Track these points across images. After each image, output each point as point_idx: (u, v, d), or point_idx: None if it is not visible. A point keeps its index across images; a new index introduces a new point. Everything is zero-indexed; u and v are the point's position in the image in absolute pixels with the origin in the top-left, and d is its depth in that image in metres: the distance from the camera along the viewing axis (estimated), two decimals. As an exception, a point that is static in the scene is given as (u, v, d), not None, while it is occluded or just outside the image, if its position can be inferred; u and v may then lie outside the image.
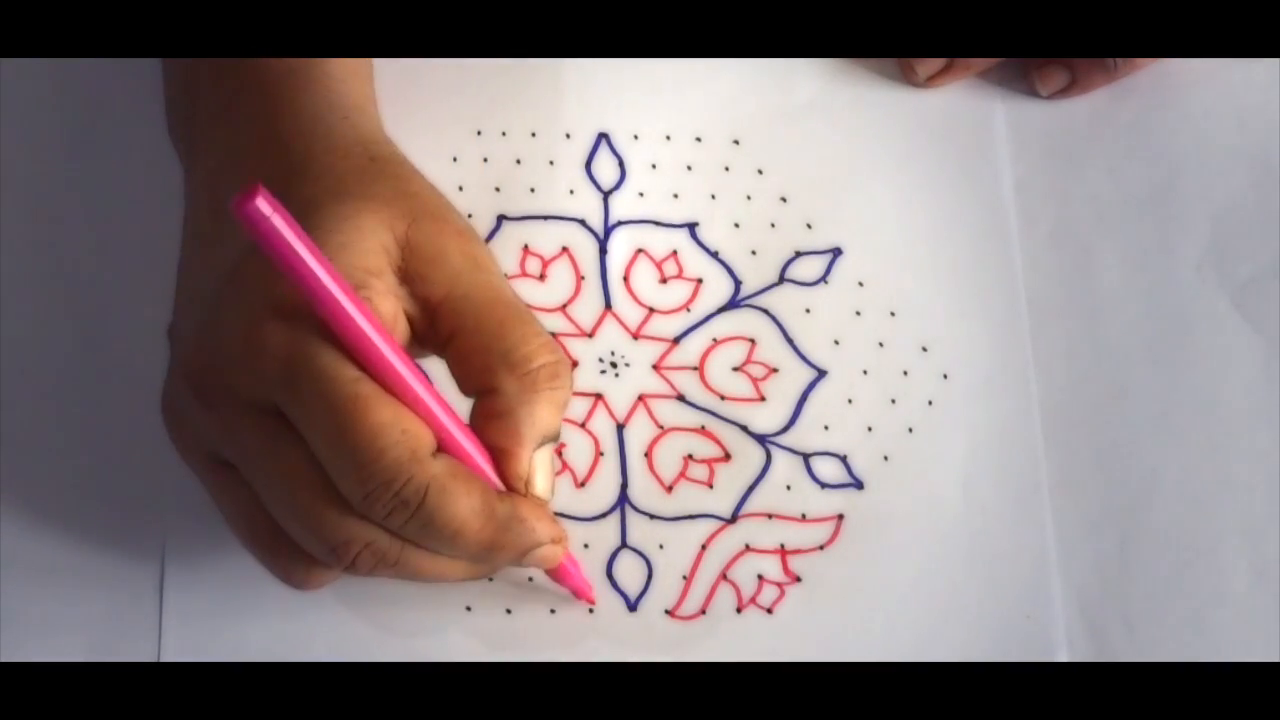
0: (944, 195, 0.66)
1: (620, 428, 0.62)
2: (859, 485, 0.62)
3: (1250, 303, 0.65)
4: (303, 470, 0.51)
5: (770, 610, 0.60)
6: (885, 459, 0.62)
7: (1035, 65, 0.68)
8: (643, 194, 0.65)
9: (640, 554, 0.60)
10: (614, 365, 0.63)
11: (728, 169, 0.66)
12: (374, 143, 0.56)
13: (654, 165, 0.66)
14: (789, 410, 0.63)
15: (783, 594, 0.60)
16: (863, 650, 0.59)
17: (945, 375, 0.63)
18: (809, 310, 0.64)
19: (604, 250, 0.64)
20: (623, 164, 0.66)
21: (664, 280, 0.64)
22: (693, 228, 0.65)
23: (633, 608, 0.60)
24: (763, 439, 0.62)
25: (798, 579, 0.60)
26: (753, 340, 0.64)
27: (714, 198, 0.66)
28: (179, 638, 0.58)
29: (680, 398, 0.63)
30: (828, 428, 0.62)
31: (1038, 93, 0.68)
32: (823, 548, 0.61)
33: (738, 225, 0.65)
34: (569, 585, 0.58)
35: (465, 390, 0.53)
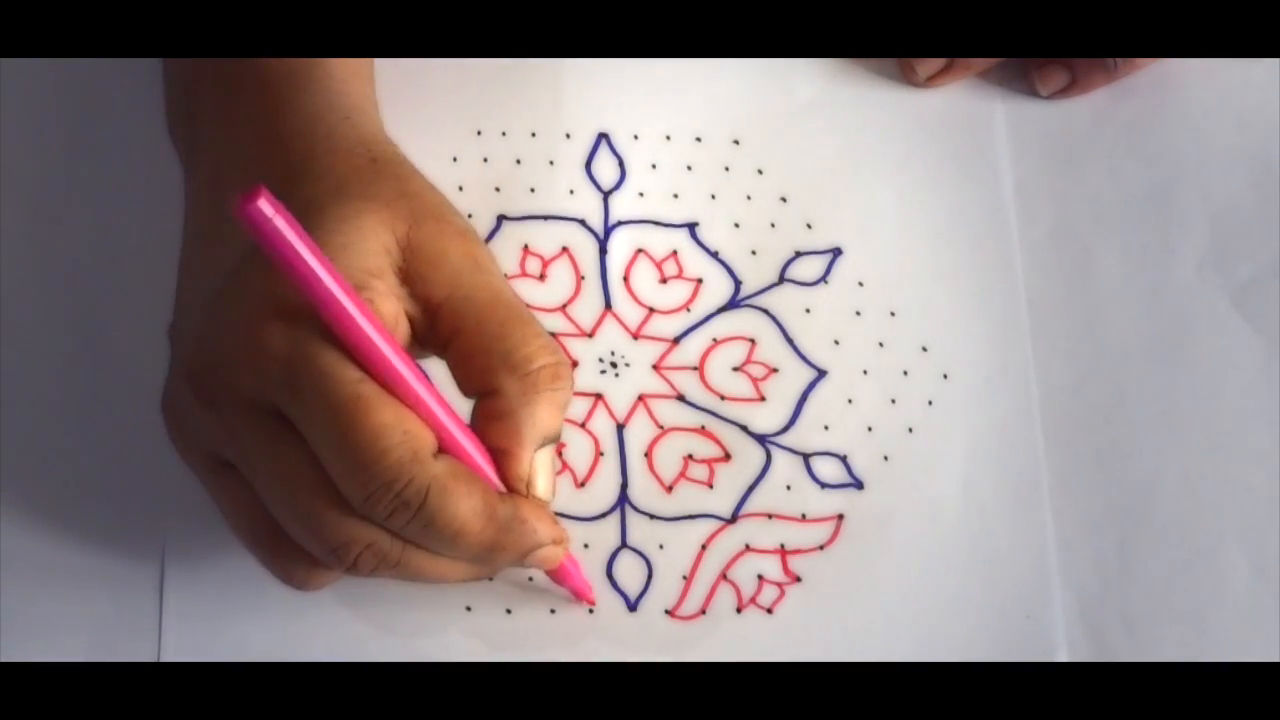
0: (944, 195, 0.66)
1: (620, 428, 0.62)
2: (859, 485, 0.62)
3: (1250, 303, 0.65)
4: (304, 471, 0.51)
5: (770, 610, 0.60)
6: (885, 459, 0.62)
7: (1035, 65, 0.68)
8: (643, 194, 0.65)
9: (640, 554, 0.60)
10: (614, 365, 0.63)
11: (728, 169, 0.66)
12: (375, 143, 0.56)
13: (654, 165, 0.66)
14: (789, 410, 0.63)
15: (783, 594, 0.60)
16: (863, 650, 0.59)
17: (945, 375, 0.63)
18: (809, 310, 0.64)
19: (604, 250, 0.64)
20: (623, 164, 0.66)
21: (664, 280, 0.64)
22: (693, 228, 0.65)
23: (633, 608, 0.60)
24: (763, 439, 0.62)
25: (798, 579, 0.60)
26: (753, 340, 0.64)
27: (714, 198, 0.66)
28: (179, 638, 0.58)
29: (680, 398, 0.63)
30: (828, 428, 0.62)
31: (1038, 93, 0.68)
32: (823, 548, 0.61)
33: (738, 225, 0.65)
34: (569, 586, 0.58)
35: (466, 391, 0.53)
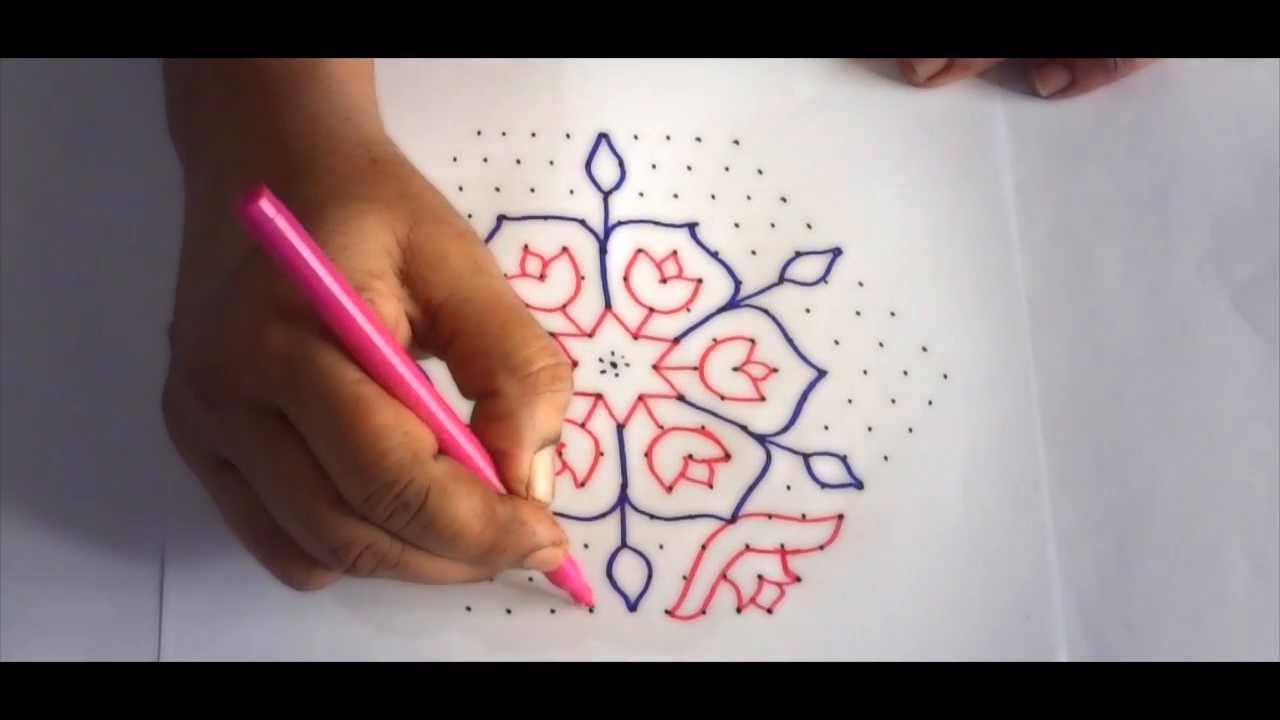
0: (944, 195, 0.66)
1: (620, 428, 0.62)
2: (859, 485, 0.62)
3: (1250, 303, 0.65)
4: (304, 471, 0.51)
5: (770, 610, 0.60)
6: (885, 459, 0.62)
7: (1035, 65, 0.68)
8: (643, 194, 0.65)
9: (640, 554, 0.60)
10: (614, 365, 0.63)
11: (728, 169, 0.66)
12: (375, 144, 0.56)
13: (654, 165, 0.66)
14: (789, 410, 0.63)
15: (783, 594, 0.60)
16: (863, 650, 0.59)
17: (945, 375, 0.63)
18: (809, 310, 0.64)
19: (604, 250, 0.64)
20: (623, 164, 0.66)
21: (664, 280, 0.64)
22: (693, 228, 0.65)
23: (633, 608, 0.60)
24: (763, 439, 0.62)
25: (798, 579, 0.60)
26: (753, 340, 0.64)
27: (714, 198, 0.66)
28: (179, 638, 0.58)
29: (680, 398, 0.63)
30: (828, 428, 0.62)
31: (1038, 93, 0.68)
32: (823, 548, 0.61)
33: (738, 225, 0.65)
34: (568, 588, 0.58)
35: (466, 393, 0.53)
